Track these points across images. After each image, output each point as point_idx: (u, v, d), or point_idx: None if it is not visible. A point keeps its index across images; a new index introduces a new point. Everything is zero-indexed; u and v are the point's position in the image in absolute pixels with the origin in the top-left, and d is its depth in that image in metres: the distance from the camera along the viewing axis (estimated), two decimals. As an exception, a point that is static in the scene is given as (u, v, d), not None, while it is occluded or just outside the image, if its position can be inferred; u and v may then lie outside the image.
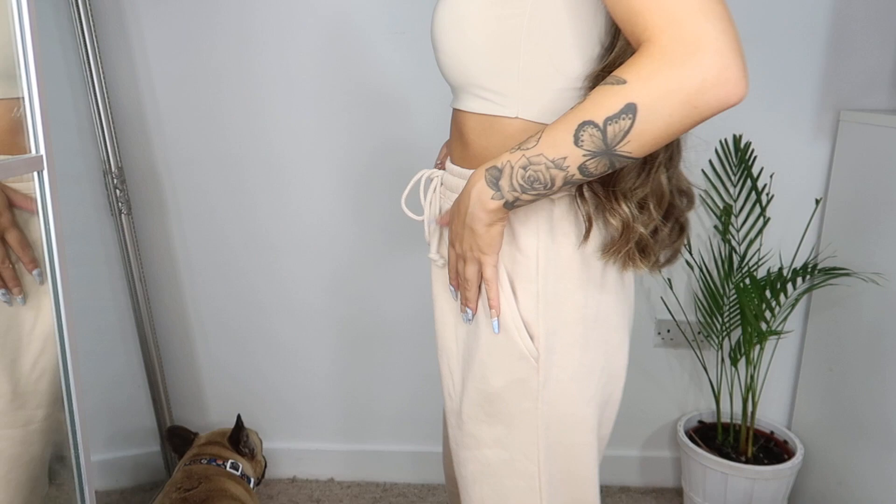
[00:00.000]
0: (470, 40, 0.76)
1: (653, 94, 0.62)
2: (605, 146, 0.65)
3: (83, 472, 1.10)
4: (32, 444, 1.11)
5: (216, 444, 1.48)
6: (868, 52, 1.61)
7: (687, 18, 0.60)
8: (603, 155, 0.66)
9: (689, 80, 0.60)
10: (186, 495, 1.31)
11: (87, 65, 1.58)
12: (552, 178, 0.69)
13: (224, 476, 1.38)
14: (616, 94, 0.63)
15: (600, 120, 0.64)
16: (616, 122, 0.63)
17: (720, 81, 0.62)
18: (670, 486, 1.93)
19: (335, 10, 1.62)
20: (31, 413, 1.09)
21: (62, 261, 1.03)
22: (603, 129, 0.64)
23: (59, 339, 1.05)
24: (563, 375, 0.81)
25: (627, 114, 0.63)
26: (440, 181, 0.89)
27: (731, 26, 0.64)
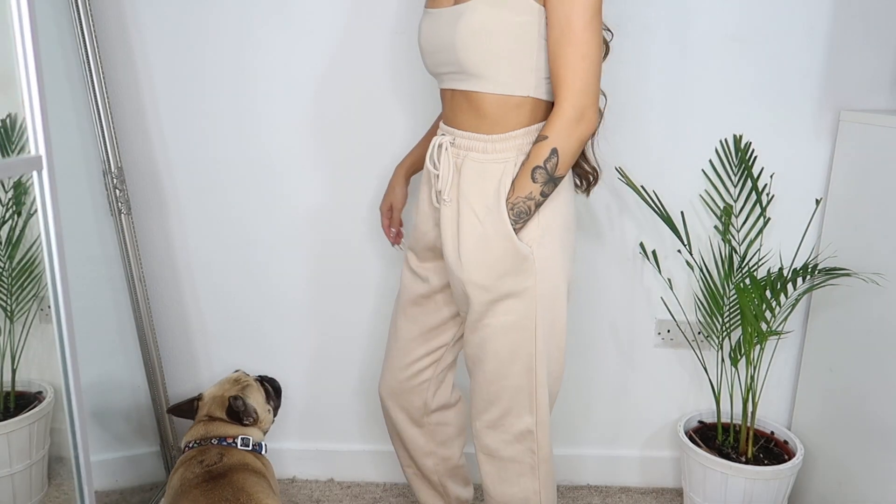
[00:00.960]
0: (496, 41, 1.13)
1: (562, 142, 1.14)
2: (548, 176, 1.15)
3: (83, 472, 1.10)
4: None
5: (219, 421, 1.47)
6: (868, 52, 1.61)
7: (579, 96, 1.12)
8: (550, 181, 1.16)
9: (579, 132, 1.14)
10: (210, 469, 1.33)
11: (87, 65, 1.58)
12: (528, 207, 1.18)
13: (233, 451, 1.41)
14: (546, 146, 1.14)
15: (541, 163, 1.14)
16: (549, 161, 1.14)
17: (591, 129, 1.15)
18: (670, 486, 1.93)
19: (335, 11, 1.62)
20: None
21: (62, 261, 1.03)
22: (544, 168, 1.15)
23: (59, 338, 1.05)
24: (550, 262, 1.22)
25: (553, 155, 1.14)
26: (450, 143, 1.24)
27: (597, 94, 1.15)
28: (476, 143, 1.20)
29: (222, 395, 1.50)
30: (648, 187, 1.67)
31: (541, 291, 1.21)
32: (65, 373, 1.06)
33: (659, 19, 1.61)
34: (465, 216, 1.21)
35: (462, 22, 1.12)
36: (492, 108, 1.17)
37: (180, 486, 1.33)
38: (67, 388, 1.06)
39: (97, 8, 1.61)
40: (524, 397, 1.27)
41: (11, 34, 0.95)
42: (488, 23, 1.11)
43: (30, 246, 1.45)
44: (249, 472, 1.34)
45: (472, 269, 1.21)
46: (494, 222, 1.18)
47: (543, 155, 1.13)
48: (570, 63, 1.10)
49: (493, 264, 1.20)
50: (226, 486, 1.28)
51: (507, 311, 1.22)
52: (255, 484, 1.31)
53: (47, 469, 1.58)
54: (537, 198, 1.16)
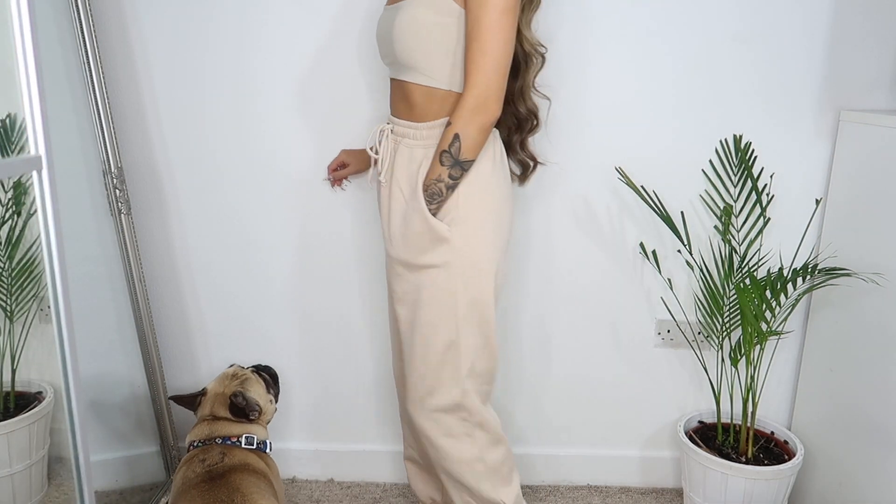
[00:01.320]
0: (421, 38, 1.25)
1: (463, 128, 1.24)
2: (454, 160, 1.26)
3: (83, 472, 1.10)
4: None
5: (223, 420, 1.47)
6: (868, 52, 1.61)
7: (480, 88, 1.22)
8: (455, 164, 1.27)
9: (479, 120, 1.24)
10: (211, 469, 1.33)
11: (87, 65, 1.58)
12: (440, 189, 1.28)
13: (235, 450, 1.41)
14: (450, 132, 1.25)
15: (447, 147, 1.26)
16: (453, 146, 1.25)
17: (491, 118, 1.25)
18: (670, 486, 1.93)
19: (334, 11, 1.62)
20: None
21: (62, 261, 1.03)
22: (449, 152, 1.26)
23: (59, 338, 1.05)
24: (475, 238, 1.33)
25: (455, 140, 1.25)
26: (390, 130, 1.38)
27: (503, 86, 1.25)
28: (408, 131, 1.34)
29: (223, 392, 1.50)
30: (648, 187, 1.67)
31: (460, 268, 1.31)
32: (65, 373, 1.06)
33: (659, 20, 1.61)
34: (395, 196, 1.35)
35: (397, 18, 1.26)
36: (420, 98, 1.31)
37: (181, 485, 1.33)
38: (67, 388, 1.06)
39: (97, 8, 1.61)
40: (447, 373, 1.36)
41: (11, 34, 0.95)
42: (417, 21, 1.24)
43: (30, 246, 1.45)
44: (249, 473, 1.34)
45: (398, 245, 1.35)
46: (414, 202, 1.30)
47: (448, 140, 1.25)
48: (474, 58, 1.21)
49: (413, 240, 1.31)
50: (222, 487, 1.28)
51: (429, 286, 1.32)
52: (252, 485, 1.31)
53: (47, 469, 1.58)
54: (446, 180, 1.27)
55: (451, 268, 1.31)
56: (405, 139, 1.34)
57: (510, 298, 1.79)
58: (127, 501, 1.76)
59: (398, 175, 1.34)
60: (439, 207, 1.29)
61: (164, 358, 1.86)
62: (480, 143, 1.26)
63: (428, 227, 1.29)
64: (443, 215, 1.30)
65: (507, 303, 1.79)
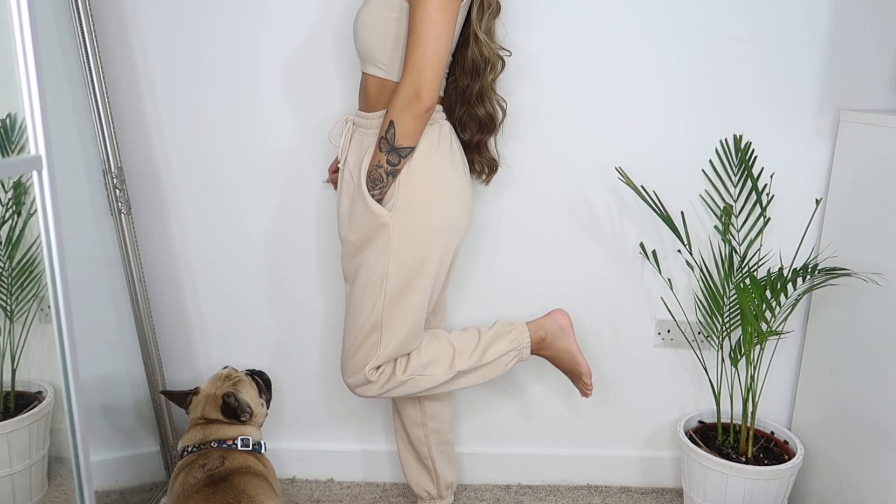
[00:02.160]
0: (376, 31, 1.32)
1: (398, 116, 1.30)
2: (390, 146, 1.32)
3: (83, 472, 1.10)
4: None
5: (216, 423, 1.47)
6: (868, 52, 1.61)
7: (414, 78, 1.27)
8: (392, 150, 1.32)
9: (413, 109, 1.29)
10: (212, 473, 1.33)
11: (87, 65, 1.58)
12: (380, 175, 1.34)
13: (234, 453, 1.41)
14: (386, 119, 1.32)
15: (384, 134, 1.32)
16: (389, 132, 1.31)
17: (427, 108, 1.30)
18: (670, 486, 1.93)
19: (334, 12, 1.62)
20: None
21: (62, 261, 1.03)
22: (386, 138, 1.32)
23: (59, 338, 1.05)
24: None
25: (391, 127, 1.31)
26: (352, 122, 1.45)
27: (437, 77, 1.29)
28: (361, 120, 1.42)
29: (215, 393, 1.49)
30: (648, 187, 1.67)
31: (395, 254, 1.36)
32: (65, 373, 1.06)
33: (659, 20, 1.61)
34: (346, 180, 1.43)
35: (361, 12, 1.35)
36: (374, 89, 1.38)
37: (182, 491, 1.32)
38: (67, 387, 1.06)
39: (97, 8, 1.61)
40: (365, 352, 1.42)
41: (11, 34, 0.95)
42: (372, 15, 1.32)
43: (30, 246, 1.46)
44: (251, 475, 1.35)
45: (344, 226, 1.43)
46: (360, 186, 1.37)
47: (385, 127, 1.32)
48: (410, 50, 1.28)
49: (357, 221, 1.39)
50: (227, 490, 1.28)
51: (364, 266, 1.40)
52: (257, 486, 1.31)
53: (47, 469, 1.58)
54: (385, 166, 1.33)
55: (387, 251, 1.36)
56: (359, 128, 1.42)
57: (510, 298, 1.79)
58: (127, 501, 1.76)
59: (350, 161, 1.43)
60: (383, 193, 1.36)
61: (164, 358, 1.86)
62: (416, 130, 1.32)
63: (369, 211, 1.35)
64: (385, 201, 1.36)
65: (506, 302, 1.79)
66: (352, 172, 1.41)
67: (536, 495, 1.89)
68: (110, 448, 1.77)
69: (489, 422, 1.90)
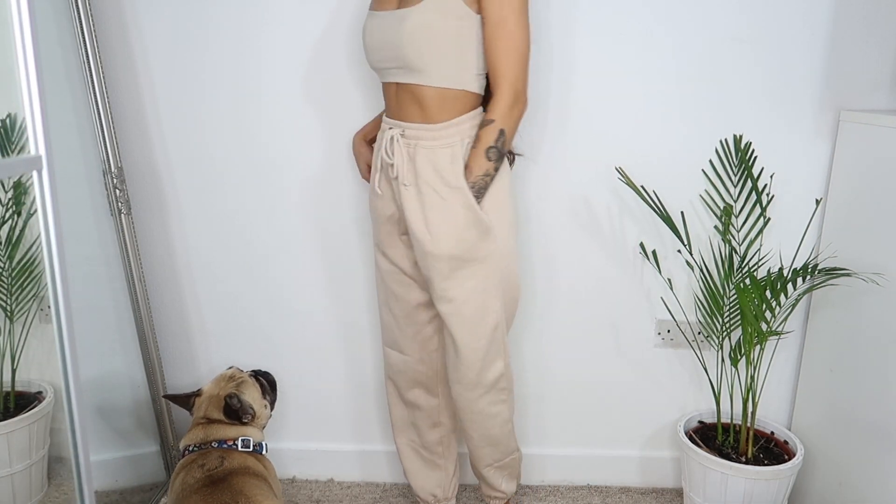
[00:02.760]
0: (434, 41, 1.30)
1: (506, 123, 1.33)
2: (499, 153, 1.35)
3: (83, 472, 1.10)
4: None
5: (218, 423, 1.47)
6: (868, 52, 1.61)
7: (514, 82, 1.32)
8: (500, 157, 1.36)
9: (516, 113, 1.35)
10: (211, 473, 1.34)
11: (87, 65, 1.58)
12: (486, 183, 1.36)
13: (233, 454, 1.41)
14: (494, 129, 1.34)
15: (493, 143, 1.34)
16: (499, 140, 1.34)
17: (525, 109, 1.36)
18: (670, 486, 1.93)
19: (335, 11, 1.62)
20: None
21: (62, 261, 1.03)
22: (496, 147, 1.34)
23: (59, 338, 1.05)
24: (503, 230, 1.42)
25: (502, 135, 1.34)
26: (400, 135, 1.39)
27: (527, 80, 1.35)
28: (424, 133, 1.36)
29: (218, 394, 1.50)
30: (648, 187, 1.67)
31: (500, 253, 1.40)
32: (65, 373, 1.06)
33: (659, 20, 1.61)
34: (429, 196, 1.37)
35: (407, 24, 1.29)
36: (433, 100, 1.35)
37: (181, 491, 1.33)
38: (67, 387, 1.06)
39: (97, 8, 1.61)
40: (494, 349, 1.46)
41: (11, 34, 0.95)
42: (431, 26, 1.28)
43: (30, 246, 1.46)
44: (250, 476, 1.35)
45: (441, 242, 1.37)
46: (458, 198, 1.35)
47: (493, 136, 1.33)
48: (505, 55, 1.30)
49: (460, 234, 1.36)
50: (225, 491, 1.28)
51: (473, 276, 1.39)
52: (255, 487, 1.31)
53: (47, 469, 1.58)
54: (492, 173, 1.36)
55: (493, 256, 1.40)
56: (422, 141, 1.37)
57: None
58: (127, 501, 1.76)
59: (427, 177, 1.36)
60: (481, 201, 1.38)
61: (164, 358, 1.86)
62: (515, 133, 1.39)
63: (476, 220, 1.35)
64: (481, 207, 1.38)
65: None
66: (435, 188, 1.36)
67: (536, 495, 1.89)
68: (110, 448, 1.77)
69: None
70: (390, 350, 1.60)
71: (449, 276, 1.40)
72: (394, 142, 1.39)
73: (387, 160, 1.41)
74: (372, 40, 1.37)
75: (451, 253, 1.37)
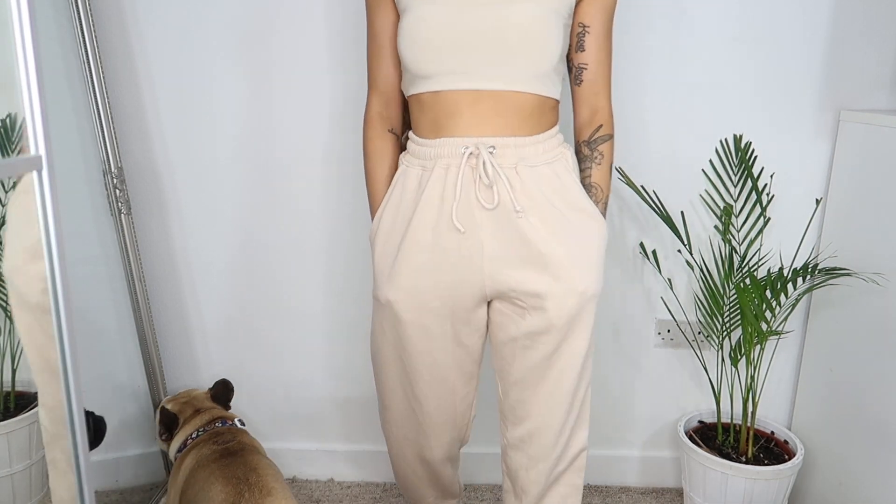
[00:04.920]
0: (552, 39, 1.09)
1: (613, 133, 1.24)
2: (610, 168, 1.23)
3: (83, 472, 1.10)
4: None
5: (211, 409, 1.57)
6: (868, 52, 1.61)
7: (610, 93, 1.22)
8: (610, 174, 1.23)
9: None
10: (226, 446, 1.40)
11: (87, 65, 1.58)
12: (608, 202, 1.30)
13: (241, 432, 1.49)
14: (613, 143, 1.23)
15: (612, 159, 1.23)
16: (612, 154, 1.22)
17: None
18: (670, 486, 1.93)
19: (336, 11, 1.62)
20: None
21: (62, 261, 1.03)
22: (612, 164, 1.24)
23: (59, 338, 1.05)
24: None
25: (612, 148, 1.23)
26: (489, 152, 1.11)
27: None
28: (526, 149, 1.13)
29: (194, 395, 1.61)
30: (648, 187, 1.67)
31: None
32: (65, 373, 1.06)
33: (659, 20, 1.61)
34: (553, 219, 1.13)
35: (518, 10, 1.06)
36: (533, 109, 1.13)
37: (196, 464, 1.38)
38: (67, 388, 1.06)
39: (97, 8, 1.61)
40: (584, 414, 1.25)
41: (11, 34, 0.95)
42: (547, 18, 1.08)
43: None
44: (259, 455, 1.41)
45: (579, 276, 1.13)
46: (587, 221, 1.15)
47: (611, 151, 1.22)
48: (607, 65, 1.19)
49: (596, 265, 1.17)
50: (239, 464, 1.33)
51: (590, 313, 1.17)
52: (267, 466, 1.36)
53: (47, 469, 1.58)
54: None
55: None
56: (525, 158, 1.13)
57: (510, 298, 1.79)
58: (127, 501, 1.76)
59: (538, 197, 1.13)
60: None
61: (164, 358, 1.86)
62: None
63: (604, 248, 1.18)
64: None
65: (507, 303, 1.79)
66: (562, 211, 1.14)
67: (536, 495, 1.89)
68: (110, 448, 1.77)
69: (489, 422, 1.89)
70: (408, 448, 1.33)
71: (579, 321, 1.16)
72: (486, 164, 1.10)
73: (485, 181, 1.11)
74: (443, 33, 1.08)
75: (583, 289, 1.14)
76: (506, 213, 1.12)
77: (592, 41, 1.17)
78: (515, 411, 1.24)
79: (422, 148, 1.17)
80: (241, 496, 1.22)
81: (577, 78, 1.19)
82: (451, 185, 1.12)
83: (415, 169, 1.18)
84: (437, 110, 1.13)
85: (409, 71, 1.15)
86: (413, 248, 1.16)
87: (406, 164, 1.21)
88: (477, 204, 1.12)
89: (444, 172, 1.14)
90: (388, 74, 1.25)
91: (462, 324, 1.20)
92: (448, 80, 1.11)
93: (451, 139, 1.13)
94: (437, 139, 1.14)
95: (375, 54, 1.24)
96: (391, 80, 1.25)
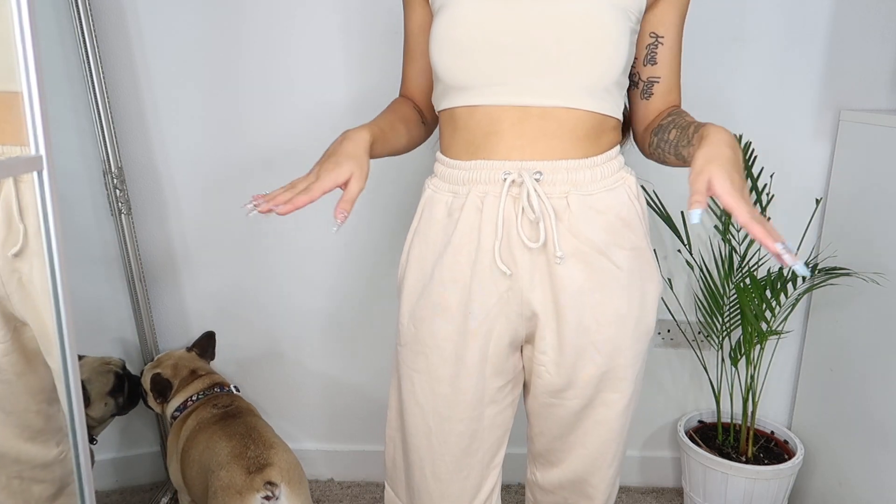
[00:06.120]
0: (621, 48, 0.90)
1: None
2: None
3: (83, 472, 1.10)
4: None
5: (214, 375, 1.61)
6: (868, 52, 1.61)
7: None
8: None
9: None
10: (226, 410, 1.46)
11: (87, 65, 1.58)
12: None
13: (237, 397, 1.56)
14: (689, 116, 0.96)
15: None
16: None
17: None
18: (670, 486, 1.93)
19: (337, 11, 1.62)
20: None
21: (62, 261, 1.03)
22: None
23: (59, 339, 1.05)
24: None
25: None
26: (534, 180, 0.92)
27: None
28: (580, 172, 0.93)
29: (177, 357, 1.63)
30: (648, 187, 1.67)
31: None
32: (65, 373, 1.06)
33: (659, 19, 1.61)
34: (600, 265, 0.96)
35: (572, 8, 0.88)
36: (591, 130, 0.93)
37: (196, 426, 1.43)
38: (67, 387, 1.06)
39: (97, 8, 1.61)
40: (620, 466, 1.13)
41: (11, 34, 0.95)
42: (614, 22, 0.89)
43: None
44: (257, 416, 1.48)
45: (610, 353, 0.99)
46: (643, 267, 1.01)
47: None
48: (679, 72, 1.01)
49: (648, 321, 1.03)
50: (240, 425, 1.40)
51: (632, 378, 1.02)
52: (265, 425, 1.43)
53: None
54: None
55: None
56: (578, 185, 0.94)
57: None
58: (127, 501, 1.76)
59: (590, 236, 0.94)
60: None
61: (164, 358, 1.86)
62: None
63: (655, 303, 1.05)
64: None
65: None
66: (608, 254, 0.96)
67: (536, 495, 1.89)
68: (110, 448, 1.77)
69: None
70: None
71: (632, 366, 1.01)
72: (531, 194, 0.92)
73: (531, 216, 0.93)
74: (481, 35, 0.90)
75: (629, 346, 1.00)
76: (545, 253, 0.94)
77: (666, 53, 0.98)
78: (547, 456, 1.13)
79: (452, 171, 0.97)
80: (247, 448, 1.31)
81: (647, 92, 1.01)
82: (490, 220, 0.94)
83: (443, 195, 0.99)
84: (473, 128, 0.95)
85: (440, 81, 0.96)
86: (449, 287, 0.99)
87: (432, 189, 1.01)
88: (518, 241, 0.94)
89: (479, 202, 0.95)
90: (419, 85, 1.09)
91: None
92: (487, 92, 0.92)
93: (488, 162, 0.94)
94: (471, 160, 0.95)
95: (406, 58, 1.09)
96: (422, 89, 1.09)
